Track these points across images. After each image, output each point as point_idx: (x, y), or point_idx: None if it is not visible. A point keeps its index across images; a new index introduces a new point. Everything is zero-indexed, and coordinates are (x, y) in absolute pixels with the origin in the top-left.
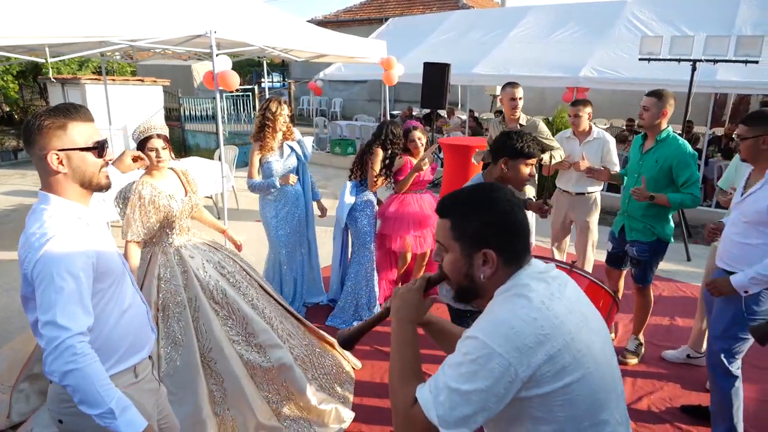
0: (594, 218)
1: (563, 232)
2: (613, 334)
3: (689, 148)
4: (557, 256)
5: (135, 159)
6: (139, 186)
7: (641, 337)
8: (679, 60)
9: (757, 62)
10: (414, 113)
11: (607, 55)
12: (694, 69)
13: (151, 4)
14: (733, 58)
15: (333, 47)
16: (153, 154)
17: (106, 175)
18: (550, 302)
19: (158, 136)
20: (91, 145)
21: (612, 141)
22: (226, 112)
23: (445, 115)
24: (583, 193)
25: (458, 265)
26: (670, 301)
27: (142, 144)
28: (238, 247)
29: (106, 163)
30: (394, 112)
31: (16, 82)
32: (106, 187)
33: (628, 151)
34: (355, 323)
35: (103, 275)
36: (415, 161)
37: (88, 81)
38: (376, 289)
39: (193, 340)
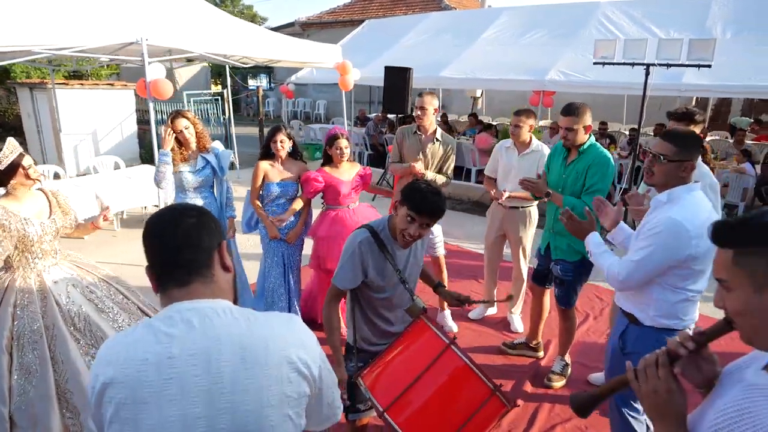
0: (528, 233)
1: (497, 246)
2: (541, 353)
3: (609, 158)
4: (489, 269)
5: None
6: None
7: (567, 357)
8: (632, 64)
9: (709, 66)
10: (389, 116)
11: (575, 57)
12: (647, 73)
13: (79, 12)
14: (686, 62)
15: (283, 53)
16: (31, 172)
17: None
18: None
19: (27, 153)
20: None
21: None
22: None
23: None
24: (517, 207)
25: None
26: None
27: (15, 166)
28: (105, 216)
29: None
30: (371, 116)
31: None
32: None
33: None
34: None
35: None
36: (332, 172)
37: (57, 85)
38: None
39: (49, 370)
